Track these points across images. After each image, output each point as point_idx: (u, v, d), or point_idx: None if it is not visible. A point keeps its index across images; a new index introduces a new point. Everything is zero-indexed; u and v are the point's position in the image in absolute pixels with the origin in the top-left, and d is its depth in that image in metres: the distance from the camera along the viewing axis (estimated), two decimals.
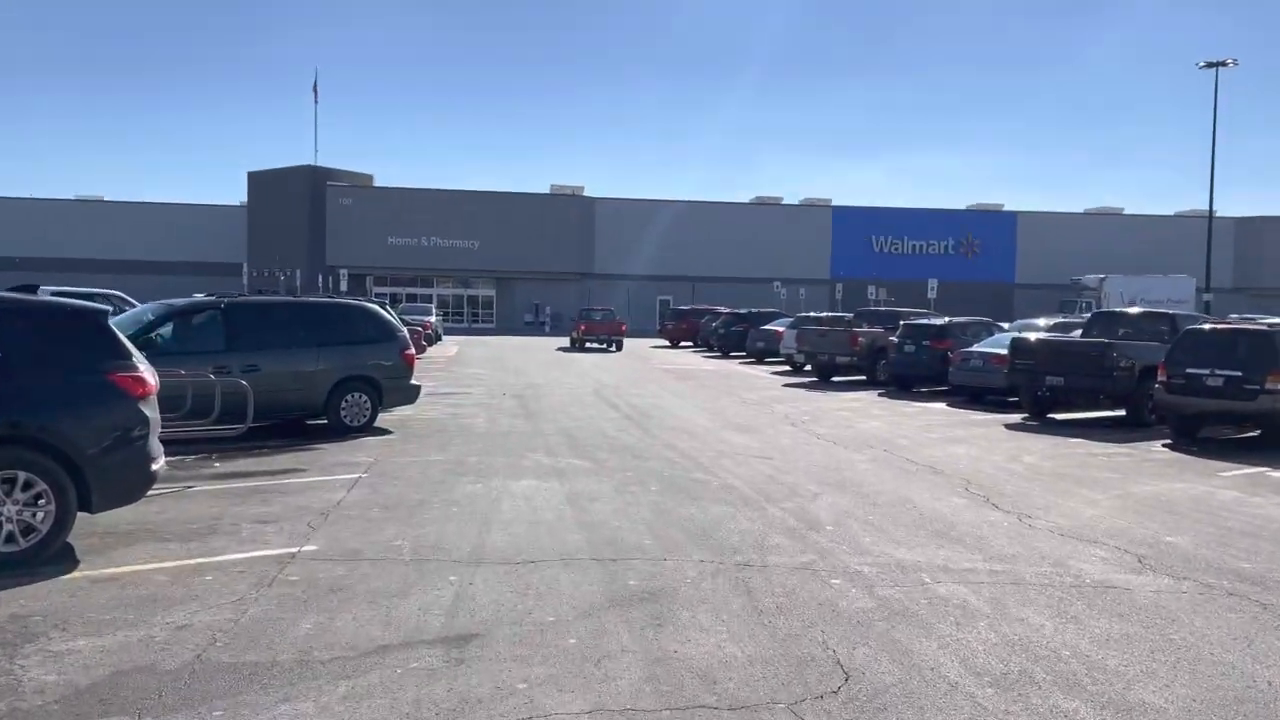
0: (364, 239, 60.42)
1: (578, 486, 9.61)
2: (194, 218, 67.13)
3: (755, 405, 18.57)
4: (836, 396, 20.98)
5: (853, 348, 24.29)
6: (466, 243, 62.59)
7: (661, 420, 15.64)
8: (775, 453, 12.29)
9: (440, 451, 11.81)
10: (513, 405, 17.55)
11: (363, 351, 13.48)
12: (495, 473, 10.34)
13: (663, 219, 63.97)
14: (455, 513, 8.25)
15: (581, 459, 11.44)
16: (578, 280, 64.14)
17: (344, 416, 13.17)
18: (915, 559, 7.04)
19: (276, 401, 12.63)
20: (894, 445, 13.21)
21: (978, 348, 20.41)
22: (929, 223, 66.53)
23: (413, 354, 14.06)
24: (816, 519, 8.34)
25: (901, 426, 15.55)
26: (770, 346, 32.74)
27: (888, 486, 10.01)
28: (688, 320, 45.29)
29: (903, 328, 23.14)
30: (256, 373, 12.29)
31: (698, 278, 63.40)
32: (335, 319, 13.52)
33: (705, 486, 9.76)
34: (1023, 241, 67.26)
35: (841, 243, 65.10)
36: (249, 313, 12.82)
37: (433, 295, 62.34)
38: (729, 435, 13.96)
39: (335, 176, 62.55)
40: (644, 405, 18.03)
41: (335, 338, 13.27)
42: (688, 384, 23.57)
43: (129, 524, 7.41)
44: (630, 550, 7.09)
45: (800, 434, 14.29)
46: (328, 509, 8.28)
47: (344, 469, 10.38)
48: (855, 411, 17.84)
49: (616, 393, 20.56)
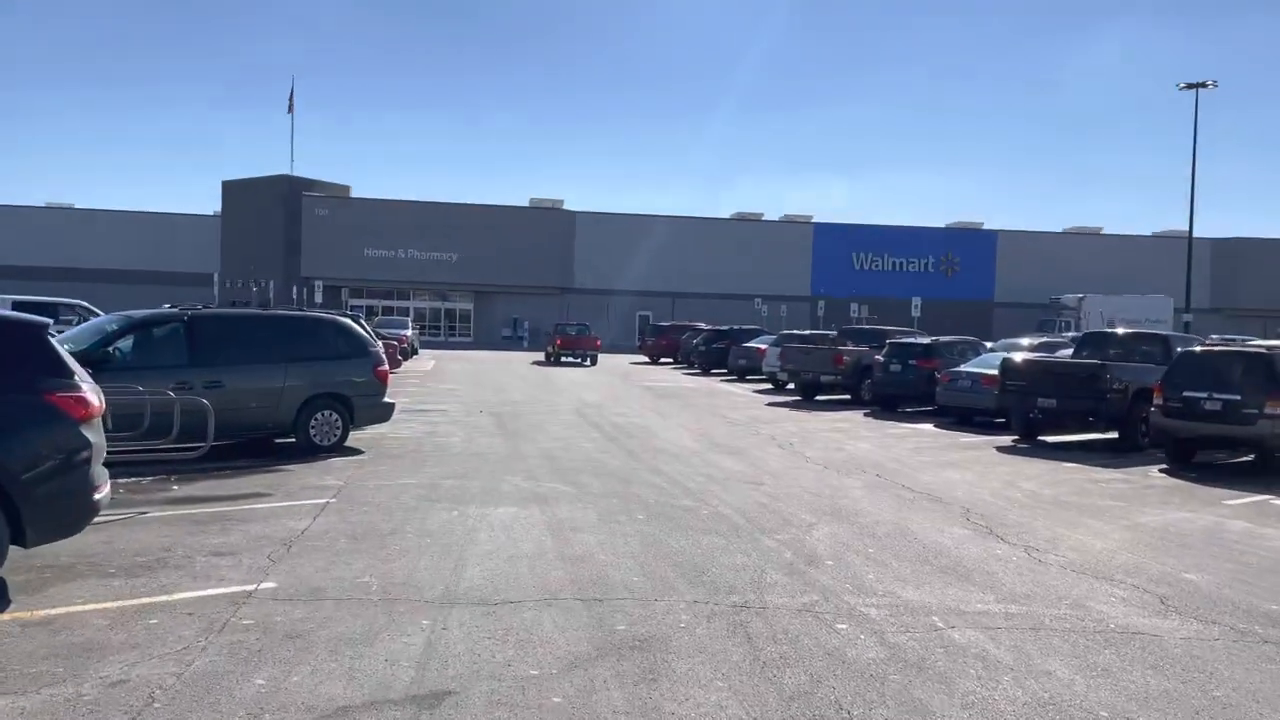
0: (340, 250, 59.55)
1: (560, 514, 9.06)
2: (167, 227, 65.98)
3: (741, 426, 18.09)
4: (822, 416, 20.54)
5: (838, 366, 23.90)
6: (445, 255, 61.85)
7: (645, 441, 15.12)
8: (766, 477, 11.79)
9: (414, 474, 11.23)
10: (490, 424, 16.97)
11: (334, 367, 12.88)
12: (472, 498, 9.77)
13: (643, 234, 63.53)
14: (428, 544, 7.68)
15: (564, 483, 10.89)
16: (557, 295, 63.52)
17: (313, 435, 12.56)
18: (924, 599, 6.55)
19: (242, 420, 12.02)
20: (886, 470, 12.75)
21: (966, 368, 20.05)
22: (910, 240, 66.48)
23: (386, 370, 13.48)
24: (815, 553, 7.83)
25: (892, 449, 15.11)
26: (752, 364, 32.32)
27: (885, 515, 9.53)
28: (668, 336, 44.82)
29: (889, 346, 22.77)
30: (220, 389, 11.68)
31: (678, 293, 62.98)
32: (305, 333, 12.91)
33: (695, 515, 9.24)
34: (1002, 260, 67.32)
35: (822, 260, 64.88)
36: (214, 326, 12.19)
37: (410, 309, 61.53)
38: (716, 458, 13.45)
39: (311, 187, 61.67)
40: (627, 425, 17.50)
41: (305, 353, 12.67)
42: (670, 403, 23.07)
43: (70, 556, 6.80)
44: (618, 589, 6.55)
45: (789, 457, 13.81)
46: (291, 539, 7.68)
47: (311, 493, 9.78)
48: (843, 433, 17.39)
49: (598, 411, 20.02)
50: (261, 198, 60.74)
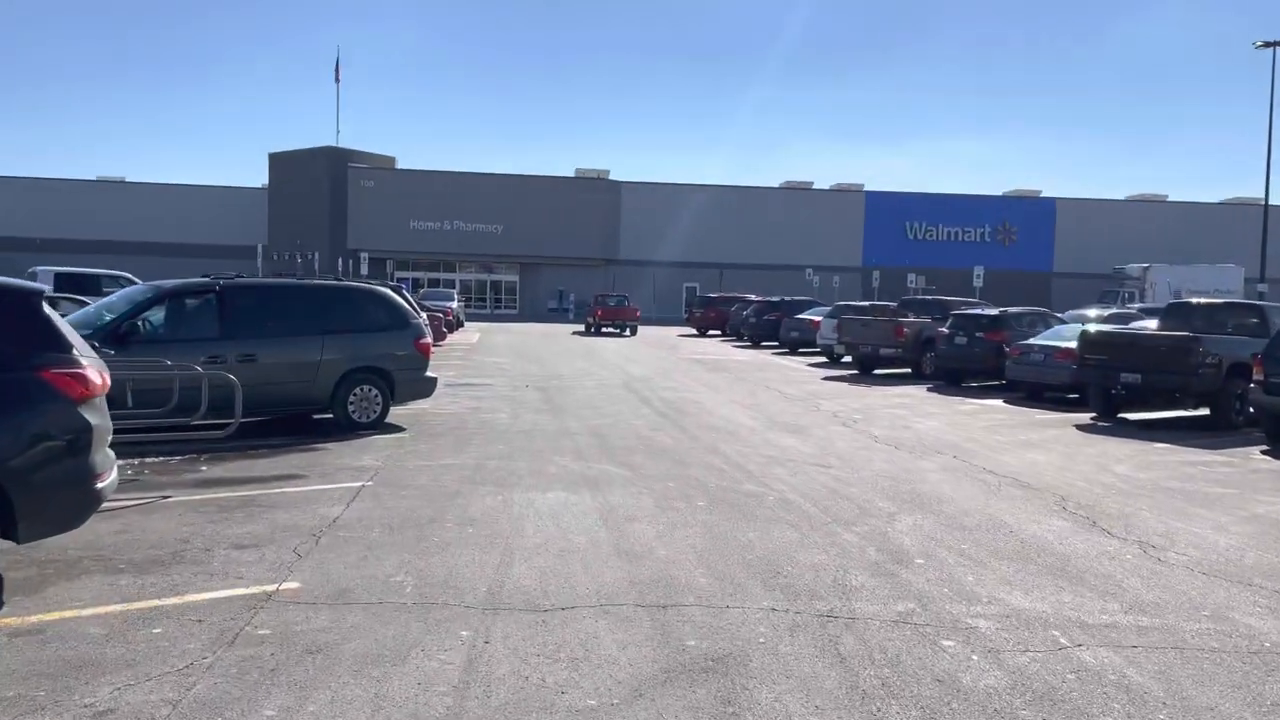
0: (386, 222, 59.30)
1: (613, 500, 8.29)
2: (215, 199, 66.25)
3: (798, 401, 17.18)
4: (883, 392, 19.55)
5: (898, 339, 22.82)
6: (490, 227, 61.34)
7: (699, 418, 14.30)
8: (833, 459, 10.92)
9: (457, 453, 10.53)
10: (537, 399, 16.26)
11: (373, 340, 12.21)
12: (518, 481, 9.04)
13: (690, 204, 62.41)
14: (470, 535, 6.95)
15: (615, 464, 10.12)
16: (602, 266, 62.76)
17: (352, 412, 11.92)
18: (1038, 608, 5.67)
19: (276, 395, 11.42)
20: (962, 450, 11.80)
21: (1038, 340, 18.90)
22: (965, 209, 64.57)
23: (428, 343, 12.78)
24: (901, 548, 6.97)
25: (964, 427, 14.13)
26: (805, 336, 31.28)
27: (972, 504, 8.62)
28: (716, 308, 43.82)
29: (953, 318, 21.64)
30: (254, 363, 11.08)
31: (725, 264, 61.84)
32: (342, 304, 12.25)
33: (760, 502, 8.42)
34: (1061, 229, 65.18)
35: (874, 229, 63.31)
36: (247, 296, 11.56)
37: (455, 280, 61.23)
38: (777, 437, 12.59)
39: (357, 158, 61.43)
40: (678, 400, 16.69)
41: (342, 325, 12.01)
42: (721, 376, 22.20)
43: (77, 549, 6.17)
44: (683, 592, 5.76)
45: (855, 436, 12.90)
46: (322, 528, 7.00)
47: (347, 475, 9.12)
48: (908, 409, 16.41)
49: (647, 385, 19.23)
50: (308, 170, 60.67)
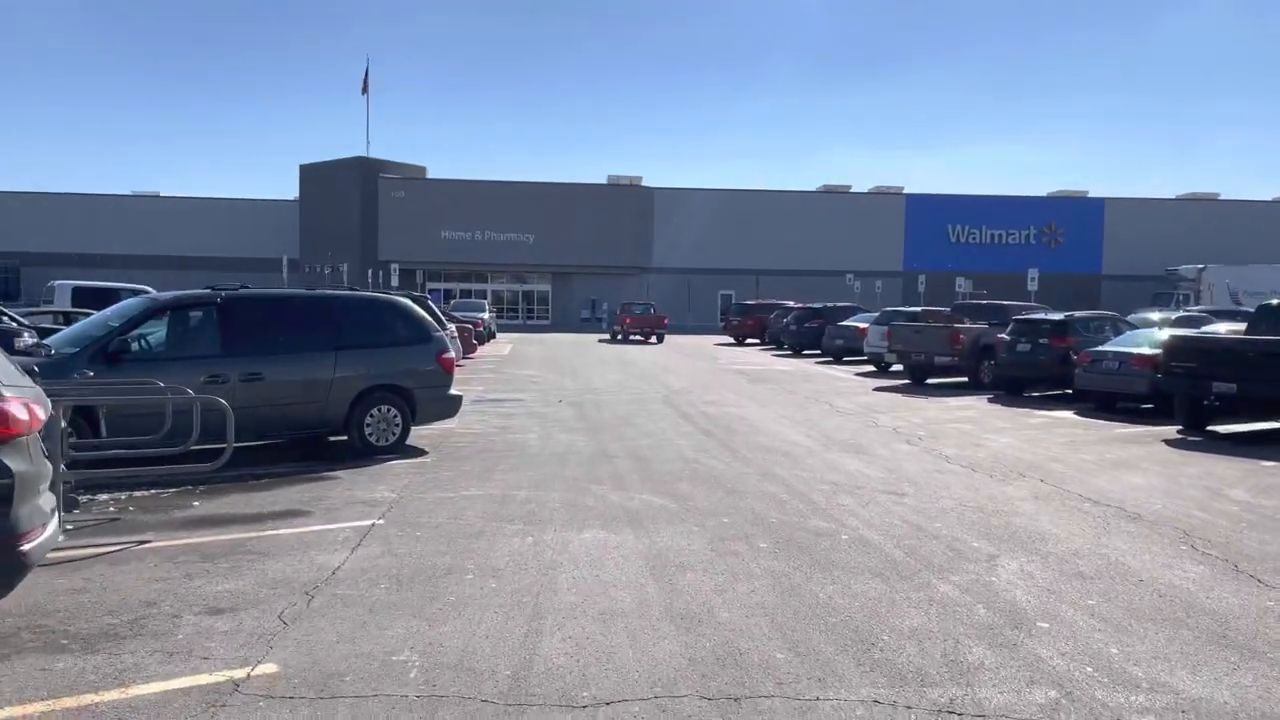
0: (416, 232, 58.67)
1: (661, 542, 7.12)
2: (248, 213, 66.08)
3: (853, 415, 15.91)
4: (942, 403, 18.21)
5: (954, 346, 21.45)
6: (522, 236, 60.51)
7: (748, 437, 13.09)
8: (905, 485, 9.66)
9: (482, 482, 9.42)
10: (571, 416, 15.13)
11: (392, 355, 11.15)
12: (550, 517, 7.90)
13: (724, 209, 61.17)
14: (493, 592, 5.81)
15: (659, 494, 8.95)
16: (636, 275, 61.67)
17: (369, 434, 10.85)
18: (1218, 697, 4.41)
19: (285, 417, 10.39)
20: (1049, 473, 10.49)
21: (1111, 347, 17.47)
22: (1009, 211, 62.70)
23: (452, 358, 11.70)
24: (1015, 605, 5.73)
25: (1040, 444, 12.79)
26: (850, 344, 29.94)
27: (1081, 542, 7.34)
28: (754, 316, 42.55)
29: (1014, 324, 20.25)
30: (259, 382, 10.05)
31: (761, 271, 60.49)
32: (358, 317, 11.19)
33: (833, 543, 7.21)
34: (1110, 230, 63.10)
35: (915, 233, 61.65)
36: (252, 309, 10.53)
37: (487, 291, 60.44)
38: (837, 458, 11.35)
39: (387, 168, 60.89)
40: (722, 416, 15.49)
41: (358, 339, 10.95)
42: (765, 388, 20.96)
43: (18, 616, 5.11)
44: (757, 674, 4.57)
45: (924, 456, 11.63)
46: (318, 582, 5.90)
47: (357, 511, 8.03)
48: (974, 423, 15.09)
49: (688, 399, 18.04)
50: (338, 181, 60.26)
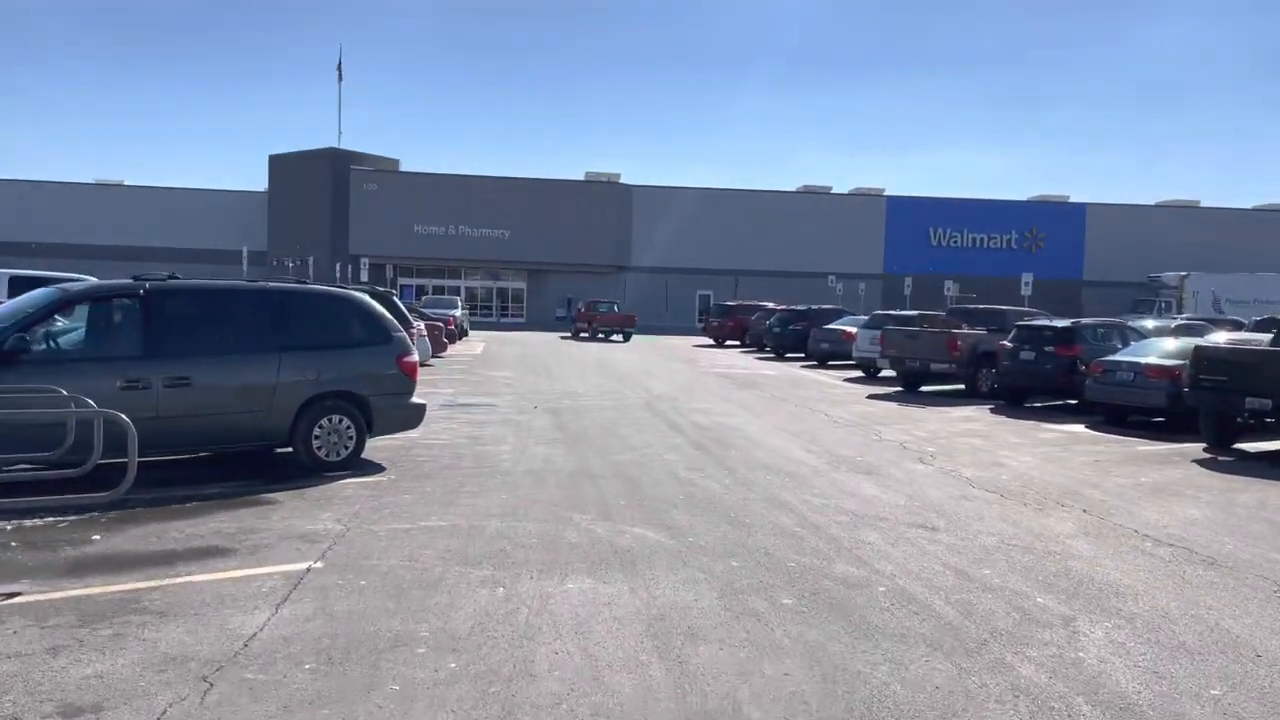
0: (389, 227, 56.93)
1: (662, 596, 5.83)
2: (216, 204, 63.95)
3: (853, 427, 14.69)
4: (943, 414, 17.05)
5: (951, 353, 20.32)
6: (497, 232, 58.95)
7: (745, 451, 11.82)
8: (933, 516, 8.43)
9: (445, 508, 8.08)
10: (548, 425, 13.80)
11: (345, 358, 9.76)
12: (525, 558, 6.58)
13: (703, 209, 59.93)
14: (452, 676, 4.49)
15: (653, 526, 7.66)
16: (613, 273, 60.34)
17: (317, 448, 9.46)
18: None
19: (218, 428, 8.99)
20: (1088, 501, 9.31)
21: (1124, 356, 16.39)
22: (990, 214, 61.96)
23: (415, 362, 10.31)
24: (1125, 700, 4.48)
25: (1063, 464, 11.63)
26: (836, 348, 28.80)
27: (1166, 600, 6.13)
28: (735, 317, 41.34)
29: (1018, 330, 19.15)
30: (187, 388, 8.66)
31: (740, 271, 59.34)
32: (306, 314, 9.75)
33: (869, 596, 5.95)
34: (1092, 236, 62.54)
35: (896, 235, 60.74)
36: (181, 303, 9.08)
37: (460, 287, 58.88)
38: (847, 479, 10.11)
39: (359, 160, 59.12)
40: (713, 426, 14.22)
41: (306, 339, 9.55)
42: (754, 394, 19.73)
43: None
44: None
45: (942, 478, 10.41)
46: (222, 662, 4.56)
47: (291, 549, 6.67)
48: (983, 437, 13.92)
49: (673, 406, 16.76)
50: (308, 172, 58.44)
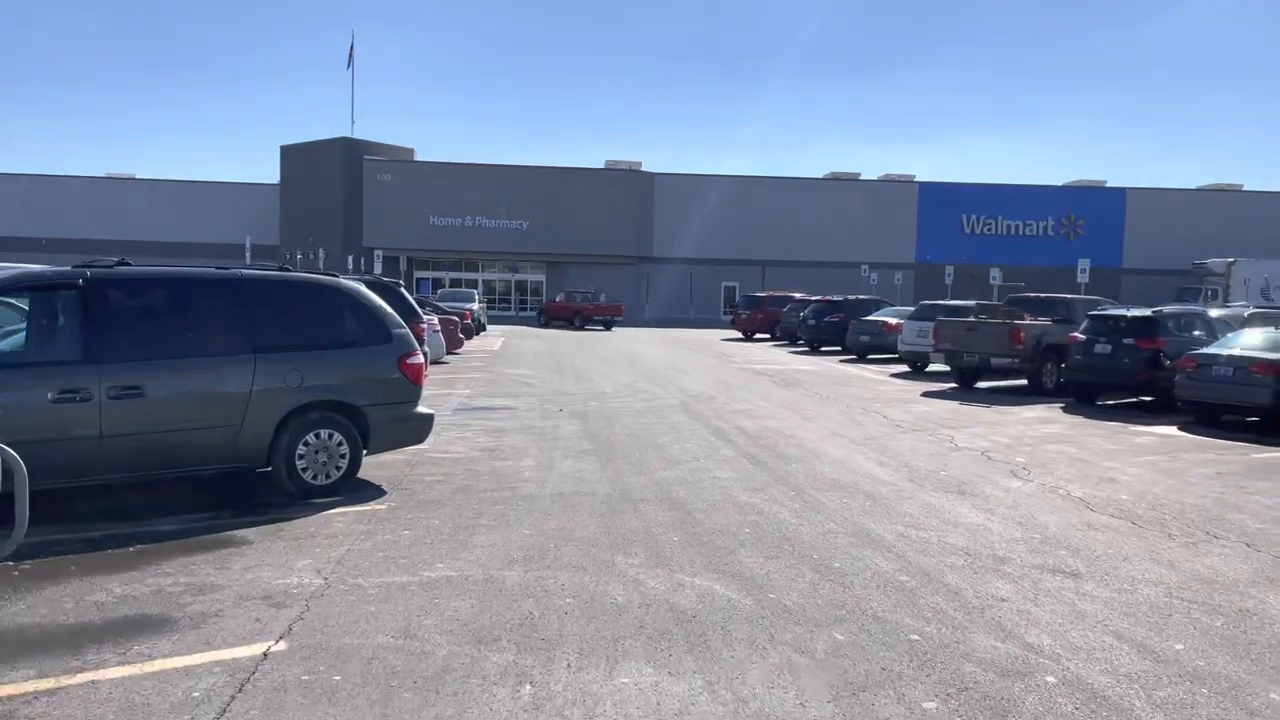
0: (404, 218, 55.41)
1: (752, 697, 4.15)
2: (228, 196, 62.77)
3: (921, 433, 12.95)
4: (1013, 415, 15.28)
5: (1014, 346, 18.52)
6: (515, 223, 57.30)
7: (807, 465, 10.12)
8: (1064, 553, 6.70)
9: (456, 550, 6.44)
10: (575, 431, 12.16)
11: (336, 360, 8.13)
12: (559, 631, 4.93)
13: (728, 197, 58.04)
14: None
15: (719, 574, 5.99)
16: (635, 264, 58.62)
17: (302, 469, 7.84)
18: None
19: (178, 448, 7.37)
20: (1244, 530, 7.56)
21: (1220, 350, 14.57)
22: (1026, 200, 59.70)
23: (420, 364, 8.67)
24: None
25: (1182, 477, 9.86)
26: (877, 341, 27.04)
27: None
28: (764, 309, 39.54)
29: (1092, 321, 17.32)
30: (137, 399, 7.05)
31: (767, 261, 57.49)
32: (288, 307, 8.10)
33: (1040, 696, 4.25)
34: (1132, 221, 60.19)
35: (928, 223, 58.63)
36: (130, 295, 7.45)
37: (478, 280, 57.32)
38: (938, 501, 8.40)
39: (373, 150, 57.56)
40: (763, 432, 12.53)
41: (288, 338, 7.92)
42: (798, 393, 18.01)
43: None
44: None
45: (1051, 498, 8.68)
46: None
47: (248, 620, 5.05)
48: (1071, 443, 12.16)
49: (713, 408, 15.09)
50: (321, 163, 56.96)
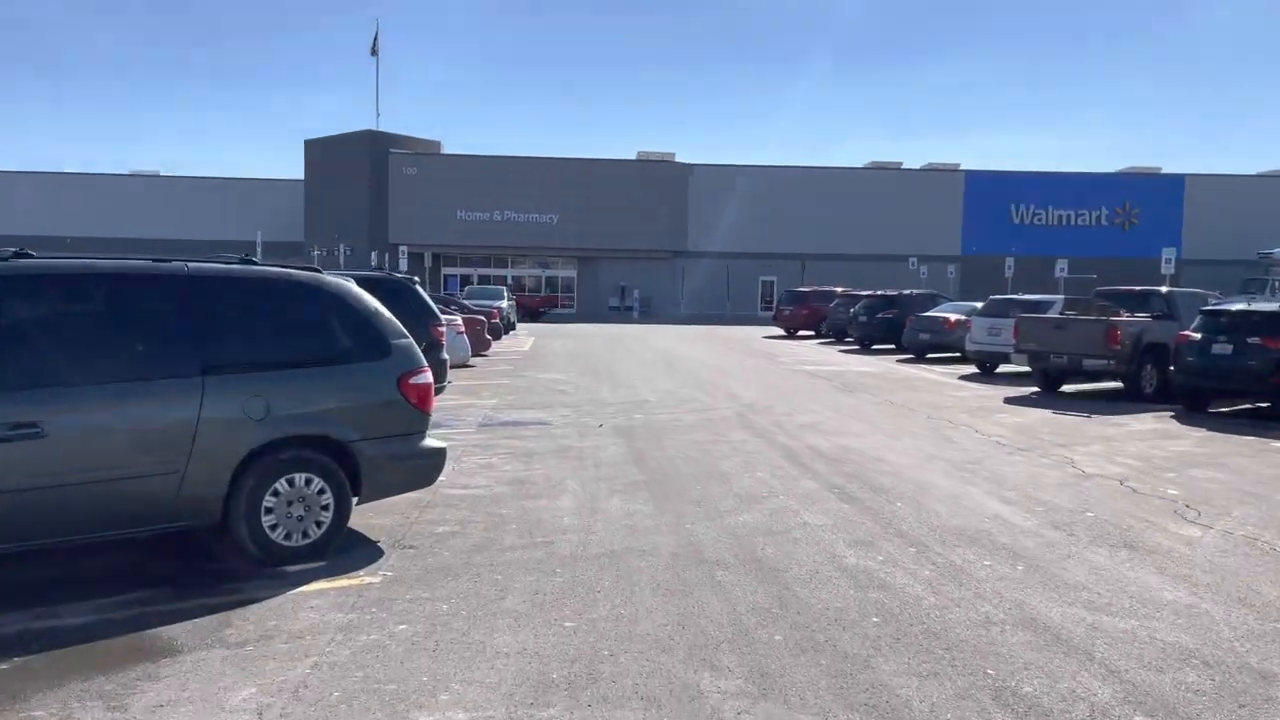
0: (430, 213, 53.79)
1: None
2: (253, 192, 61.67)
3: (1028, 453, 10.86)
4: (1122, 426, 13.16)
5: (1111, 346, 16.35)
6: (544, 217, 55.52)
7: (913, 501, 8.10)
8: None
9: (465, 669, 4.50)
10: (620, 455, 10.20)
11: (314, 381, 6.21)
12: None
13: (765, 188, 55.88)
14: None
15: (855, 714, 4.02)
16: (668, 259, 56.63)
17: (270, 528, 5.94)
18: None
19: (96, 504, 5.48)
20: None
21: None
22: (1078, 189, 57.00)
23: (427, 384, 6.71)
24: None
25: None
26: (939, 339, 24.90)
27: None
28: (810, 304, 37.42)
29: (1208, 318, 15.11)
30: (37, 440, 5.18)
31: (807, 255, 55.26)
32: (248, 312, 6.18)
33: None
34: (1190, 210, 57.29)
35: (974, 213, 56.12)
36: (27, 296, 5.58)
37: (507, 276, 55.57)
38: (1110, 563, 6.35)
39: (399, 143, 55.99)
40: (840, 453, 10.51)
41: (248, 353, 6.01)
42: (864, 400, 15.97)
43: None
44: None
45: (1256, 557, 6.60)
46: None
47: None
48: (1214, 464, 10.03)
49: (773, 419, 13.10)
50: (345, 157, 55.47)
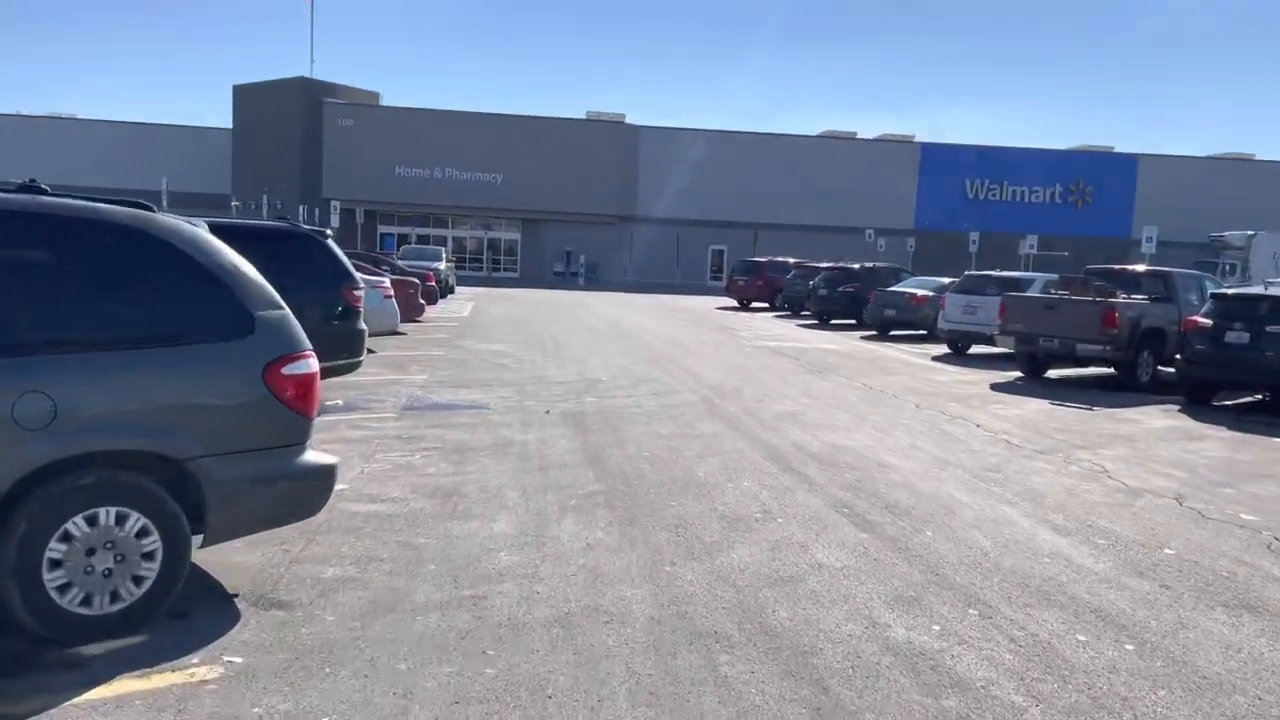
0: (367, 168, 50.96)
1: None
2: (177, 140, 57.95)
3: (1050, 455, 9.29)
4: (1135, 423, 11.72)
5: (1107, 330, 14.95)
6: (488, 176, 53.03)
7: (943, 527, 6.43)
8: None
9: None
10: (572, 454, 8.38)
11: (133, 370, 4.23)
12: None
13: (718, 153, 54.09)
14: None
15: None
16: (617, 223, 54.65)
17: (56, 590, 3.95)
18: None
19: None
20: None
21: None
22: (1033, 165, 56.25)
23: (308, 374, 4.76)
24: None
25: None
26: (905, 316, 23.51)
27: None
28: (763, 274, 35.86)
29: (1219, 302, 13.75)
30: None
31: (759, 225, 53.71)
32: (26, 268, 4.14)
33: None
34: (1143, 190, 56.95)
35: (929, 186, 55.06)
36: None
37: (447, 238, 53.08)
38: (1237, 635, 4.73)
39: (334, 93, 52.90)
40: (834, 455, 8.83)
41: (21, 327, 4.05)
42: (839, 384, 14.36)
43: None
44: None
45: None
46: None
47: None
48: (1263, 475, 8.59)
49: (743, 406, 11.39)
50: (277, 105, 52.24)
